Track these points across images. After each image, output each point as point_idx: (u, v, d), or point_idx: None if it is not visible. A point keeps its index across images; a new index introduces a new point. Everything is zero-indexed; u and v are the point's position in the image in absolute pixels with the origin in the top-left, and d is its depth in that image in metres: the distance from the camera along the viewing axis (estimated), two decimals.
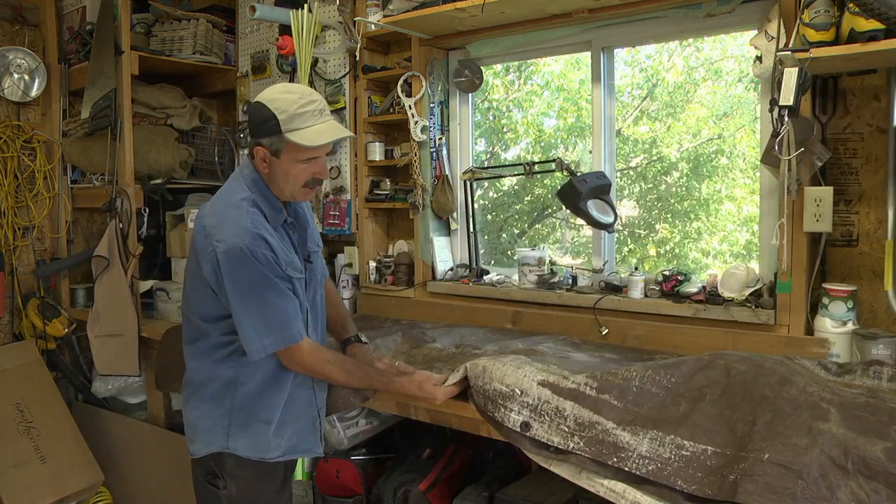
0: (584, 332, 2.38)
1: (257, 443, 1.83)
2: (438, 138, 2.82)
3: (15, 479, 2.81)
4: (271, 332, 1.73)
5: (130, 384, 3.23)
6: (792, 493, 1.32)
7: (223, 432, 1.83)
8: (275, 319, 1.73)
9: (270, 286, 1.72)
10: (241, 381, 1.82)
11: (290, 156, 1.75)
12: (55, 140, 3.34)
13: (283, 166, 1.76)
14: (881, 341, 1.85)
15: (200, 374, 1.86)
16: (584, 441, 1.60)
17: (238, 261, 1.69)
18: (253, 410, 1.83)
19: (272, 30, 3.15)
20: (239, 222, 1.72)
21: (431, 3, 2.45)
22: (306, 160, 1.77)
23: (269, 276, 1.72)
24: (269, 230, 1.76)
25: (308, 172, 1.79)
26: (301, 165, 1.77)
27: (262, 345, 1.73)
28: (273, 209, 1.80)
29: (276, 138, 1.73)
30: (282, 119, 1.71)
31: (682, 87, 5.01)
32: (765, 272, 2.22)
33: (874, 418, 1.48)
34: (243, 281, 1.70)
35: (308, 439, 1.93)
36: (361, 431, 2.57)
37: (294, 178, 1.78)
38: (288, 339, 1.75)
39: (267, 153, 1.76)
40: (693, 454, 1.50)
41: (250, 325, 1.72)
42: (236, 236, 1.69)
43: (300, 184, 1.80)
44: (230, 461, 1.84)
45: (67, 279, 3.37)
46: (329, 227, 3.06)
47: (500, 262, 4.48)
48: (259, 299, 1.71)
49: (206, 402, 1.85)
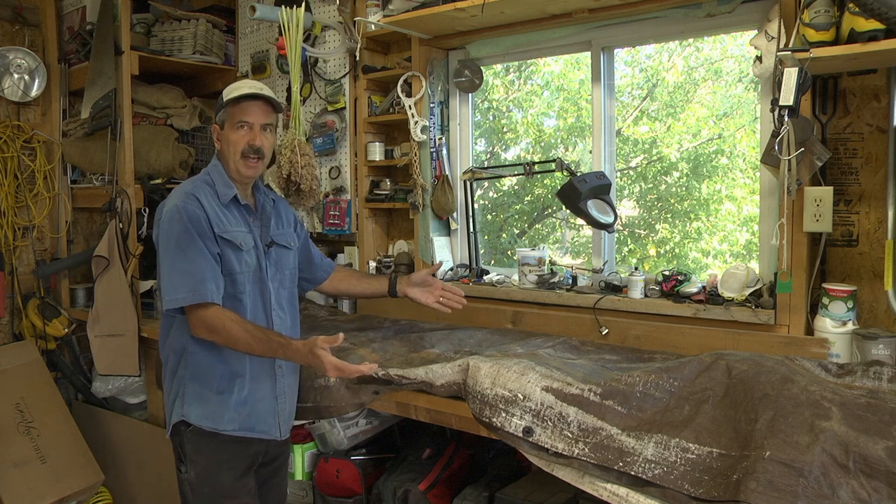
0: (584, 332, 2.38)
1: (209, 412, 1.92)
2: (438, 138, 2.82)
3: (15, 479, 2.81)
4: (185, 285, 1.83)
5: (130, 384, 3.23)
6: (794, 491, 1.32)
7: (179, 400, 1.95)
8: (189, 275, 1.83)
9: (192, 243, 1.85)
10: (189, 349, 1.94)
11: (230, 122, 1.96)
12: (55, 140, 3.34)
13: (226, 136, 1.97)
14: (881, 341, 1.85)
15: (164, 350, 2.01)
16: (588, 447, 1.60)
17: (169, 219, 1.87)
18: (204, 379, 1.93)
19: (272, 30, 3.15)
20: (182, 190, 1.94)
21: (431, 3, 2.45)
22: (240, 125, 1.94)
23: (192, 234, 1.85)
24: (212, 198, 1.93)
25: (244, 140, 1.94)
26: (239, 132, 1.94)
27: (175, 297, 1.84)
28: (224, 185, 1.97)
29: (222, 110, 1.97)
30: (226, 91, 1.97)
31: (682, 87, 5.01)
32: (765, 272, 2.22)
33: (875, 418, 1.48)
34: (170, 237, 1.86)
35: (266, 420, 2.00)
36: (361, 431, 2.58)
37: (234, 147, 1.95)
38: (198, 295, 1.83)
39: (218, 129, 2.00)
40: (698, 457, 1.50)
41: (167, 277, 1.86)
42: (174, 198, 1.91)
43: (239, 153, 1.95)
44: (190, 443, 1.93)
45: (67, 279, 3.37)
46: (329, 227, 3.06)
47: (500, 262, 4.48)
48: (179, 253, 1.85)
49: (168, 376, 1.99)
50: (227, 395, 1.93)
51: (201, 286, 1.83)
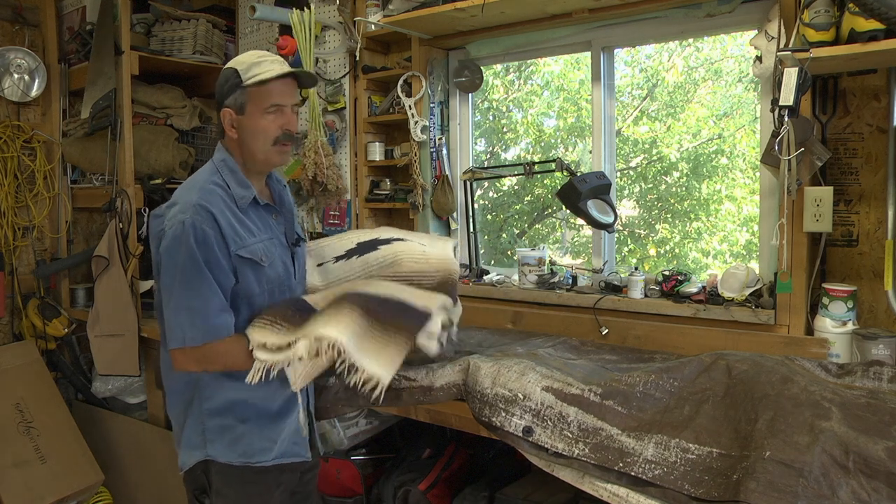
0: (584, 332, 2.38)
1: (237, 445, 1.71)
2: (438, 138, 2.82)
3: (15, 479, 2.81)
4: (192, 325, 1.59)
5: (130, 384, 3.23)
6: (794, 492, 1.32)
7: (200, 438, 1.71)
8: (195, 313, 1.59)
9: (199, 274, 1.59)
10: (204, 380, 1.71)
11: (254, 106, 1.68)
12: (55, 140, 3.34)
13: (251, 123, 1.68)
14: (881, 341, 1.85)
15: (169, 379, 1.76)
16: (588, 447, 1.60)
17: (175, 241, 1.59)
18: (225, 410, 1.70)
19: (272, 30, 3.15)
20: (188, 200, 1.62)
21: (431, 3, 2.45)
22: (272, 109, 1.68)
23: (200, 264, 1.59)
24: (226, 207, 1.66)
25: (276, 125, 1.69)
26: (268, 117, 1.68)
27: (181, 336, 1.60)
28: (240, 186, 1.71)
29: (238, 92, 1.67)
30: (241, 70, 1.66)
31: (682, 87, 5.02)
32: (765, 272, 2.22)
33: (875, 418, 1.48)
34: (175, 264, 1.59)
35: (298, 442, 1.81)
36: (361, 431, 2.57)
37: (264, 134, 1.69)
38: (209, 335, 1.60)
39: (233, 114, 1.69)
40: (698, 457, 1.50)
41: (173, 313, 1.61)
42: (182, 212, 1.60)
43: (270, 140, 1.70)
44: (217, 476, 1.72)
45: (67, 279, 3.37)
46: (329, 227, 3.06)
47: (500, 262, 4.48)
48: (185, 285, 1.59)
49: (180, 410, 1.75)
50: (250, 422, 1.71)
51: (207, 324, 1.60)
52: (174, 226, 1.59)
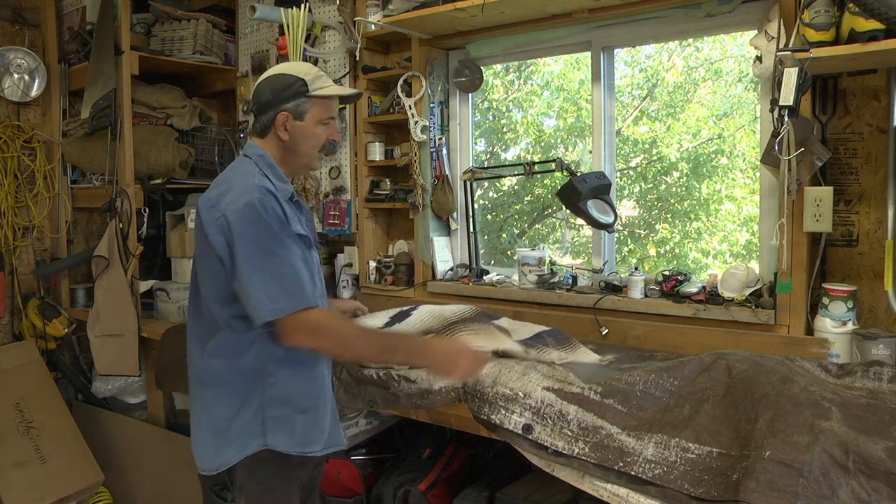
0: (584, 332, 2.38)
1: (295, 435, 1.73)
2: (438, 138, 2.82)
3: (15, 479, 2.81)
4: (285, 292, 1.60)
5: (130, 384, 3.23)
6: (793, 491, 1.32)
7: (259, 430, 1.71)
8: (285, 280, 1.61)
9: (280, 243, 1.63)
10: (269, 369, 1.71)
11: (313, 115, 1.79)
12: (55, 140, 3.34)
13: (306, 128, 1.79)
14: (881, 341, 1.85)
15: (224, 373, 1.74)
16: (588, 446, 1.60)
17: (248, 217, 1.62)
18: (287, 400, 1.72)
19: (272, 30, 3.16)
20: (247, 182, 1.68)
21: (431, 3, 2.45)
22: (327, 120, 1.83)
23: (277, 233, 1.63)
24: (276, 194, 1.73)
25: (326, 135, 1.84)
26: (322, 127, 1.82)
27: (275, 307, 1.59)
28: (280, 180, 1.77)
29: (301, 100, 1.77)
30: (308, 80, 1.77)
31: (682, 87, 5.02)
32: (765, 272, 2.22)
33: (875, 418, 1.48)
34: (253, 238, 1.61)
35: (336, 430, 1.86)
36: (361, 431, 2.57)
37: (315, 140, 1.81)
38: (302, 300, 1.60)
39: (290, 117, 1.77)
40: (698, 456, 1.50)
41: (259, 286, 1.59)
42: (245, 194, 1.65)
43: (318, 146, 1.83)
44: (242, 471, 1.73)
45: (67, 279, 3.37)
46: (329, 227, 3.06)
47: (500, 262, 4.48)
48: (270, 256, 1.61)
49: (229, 399, 1.73)
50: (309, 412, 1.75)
51: (302, 290, 1.61)
52: (242, 207, 1.63)
